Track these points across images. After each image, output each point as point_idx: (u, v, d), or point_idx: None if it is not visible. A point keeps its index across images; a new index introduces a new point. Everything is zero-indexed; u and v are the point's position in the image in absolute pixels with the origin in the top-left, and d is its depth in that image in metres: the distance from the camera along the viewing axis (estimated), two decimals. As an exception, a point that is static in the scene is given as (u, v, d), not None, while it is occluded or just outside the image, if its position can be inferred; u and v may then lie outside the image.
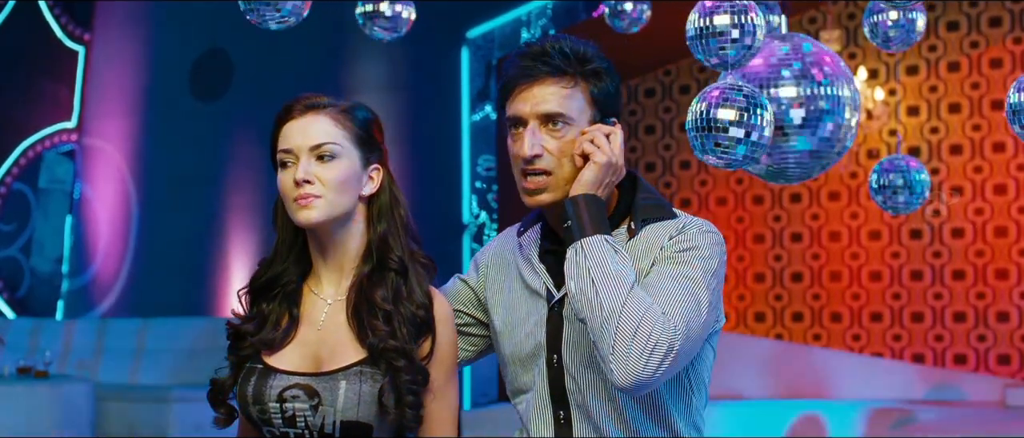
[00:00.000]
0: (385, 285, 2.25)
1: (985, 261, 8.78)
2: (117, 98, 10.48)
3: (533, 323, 2.39)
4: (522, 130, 2.31)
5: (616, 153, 2.29)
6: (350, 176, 2.28)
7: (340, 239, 2.30)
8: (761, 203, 9.52)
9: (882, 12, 3.46)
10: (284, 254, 2.37)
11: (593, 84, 2.34)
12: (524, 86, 2.31)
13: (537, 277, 2.41)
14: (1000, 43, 8.83)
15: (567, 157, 2.29)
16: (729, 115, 2.51)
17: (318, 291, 2.33)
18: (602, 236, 2.22)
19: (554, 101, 2.30)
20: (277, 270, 2.36)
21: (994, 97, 8.78)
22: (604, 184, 2.29)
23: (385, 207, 2.31)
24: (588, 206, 2.24)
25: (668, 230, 2.31)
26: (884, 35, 3.47)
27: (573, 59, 2.33)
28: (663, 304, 2.15)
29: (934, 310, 8.92)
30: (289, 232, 2.37)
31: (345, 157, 2.27)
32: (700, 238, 2.28)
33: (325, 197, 2.24)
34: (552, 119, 2.29)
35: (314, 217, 2.23)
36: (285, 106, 2.34)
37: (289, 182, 2.26)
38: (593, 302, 2.15)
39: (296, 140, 2.28)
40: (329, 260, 2.32)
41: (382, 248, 2.29)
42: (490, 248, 2.60)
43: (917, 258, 8.99)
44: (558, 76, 2.32)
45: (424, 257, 2.33)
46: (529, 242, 2.46)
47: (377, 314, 2.22)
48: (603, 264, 2.18)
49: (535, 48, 2.35)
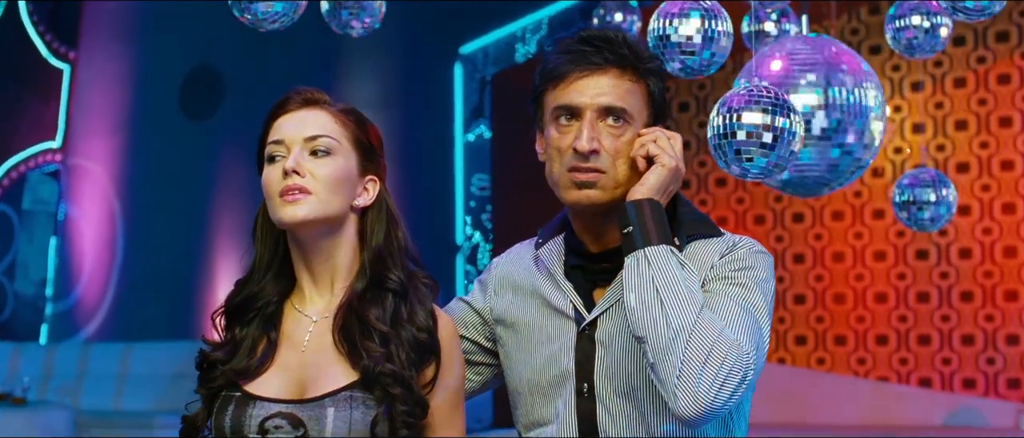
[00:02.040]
0: (381, 305, 2.03)
1: (994, 282, 8.59)
2: (103, 117, 10.33)
3: (558, 348, 2.17)
4: (575, 122, 2.11)
5: (681, 159, 2.10)
6: (345, 177, 2.06)
7: (328, 249, 2.07)
8: (763, 223, 9.34)
9: (905, 17, 3.25)
10: (262, 270, 2.13)
11: (653, 83, 2.15)
12: (583, 74, 2.11)
13: (563, 296, 2.19)
14: (1007, 58, 8.66)
15: (623, 158, 2.10)
16: (756, 119, 2.28)
17: (302, 308, 2.10)
18: (668, 247, 2.01)
19: (617, 94, 2.11)
20: (253, 289, 2.12)
21: (1002, 114, 8.63)
22: (667, 192, 2.09)
23: (380, 224, 2.09)
24: (653, 212, 2.04)
25: (717, 248, 2.12)
26: (908, 42, 3.26)
27: (638, 53, 2.14)
28: (730, 328, 1.95)
29: (942, 333, 8.72)
30: (269, 244, 2.13)
31: (341, 156, 2.06)
32: (753, 258, 2.10)
33: (316, 194, 2.02)
34: (613, 114, 2.10)
35: (301, 214, 2.01)
36: (280, 99, 2.12)
37: (276, 175, 2.04)
38: (657, 319, 1.94)
39: (289, 130, 2.06)
40: (316, 273, 2.09)
41: (378, 266, 2.06)
42: (499, 265, 2.37)
43: (924, 279, 8.81)
44: (623, 68, 2.12)
45: (426, 277, 2.10)
46: (551, 257, 2.24)
47: (372, 335, 1.99)
48: (671, 277, 1.96)
49: (598, 34, 2.15)
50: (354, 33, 3.64)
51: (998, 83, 8.68)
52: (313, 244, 2.07)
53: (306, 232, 2.05)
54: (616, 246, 2.14)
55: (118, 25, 10.41)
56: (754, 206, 9.34)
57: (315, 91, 2.14)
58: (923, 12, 3.05)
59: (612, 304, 2.14)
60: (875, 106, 2.94)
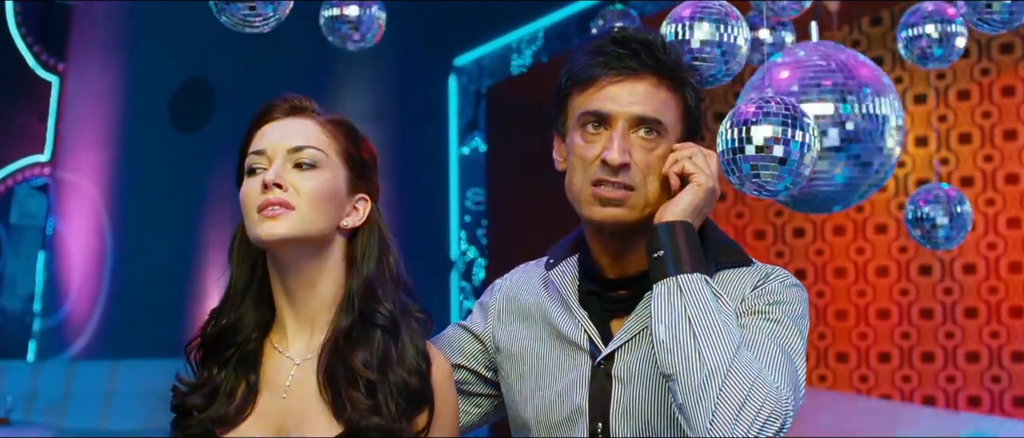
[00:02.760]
0: (369, 345, 1.85)
1: (999, 298, 8.42)
2: (92, 130, 10.23)
3: (570, 382, 1.98)
4: (604, 131, 1.93)
5: (717, 180, 1.94)
6: (331, 193, 1.89)
7: (310, 275, 1.89)
8: (763, 238, 9.19)
9: (918, 25, 3.09)
10: (238, 298, 1.96)
11: (690, 95, 1.98)
12: (618, 79, 1.93)
13: (576, 326, 2.01)
14: (1012, 70, 8.50)
15: (654, 174, 1.94)
16: (767, 133, 2.12)
17: (283, 348, 1.92)
18: (702, 276, 1.83)
19: (652, 104, 1.94)
20: (231, 319, 1.94)
21: (1006, 127, 8.47)
22: (701, 214, 1.92)
23: (371, 249, 1.92)
24: (687, 236, 1.86)
25: (748, 278, 1.95)
26: (921, 51, 3.10)
27: (677, 61, 1.97)
28: (769, 370, 1.78)
29: (945, 350, 8.55)
30: (246, 268, 1.96)
31: (328, 170, 1.89)
32: (788, 292, 1.92)
33: (298, 210, 1.85)
34: (647, 125, 1.93)
35: (280, 231, 1.83)
36: (264, 106, 1.94)
37: (255, 188, 1.86)
38: (689, 356, 1.76)
39: (272, 140, 1.89)
40: (297, 303, 1.91)
41: (366, 299, 1.88)
42: (503, 287, 2.18)
43: (927, 295, 8.63)
44: (660, 76, 1.95)
45: (419, 311, 1.93)
46: (564, 280, 2.06)
47: (358, 383, 1.82)
48: (706, 309, 1.79)
49: (636, 36, 1.97)
50: (351, 47, 3.49)
51: (1002, 95, 8.55)
52: (294, 268, 1.89)
53: (286, 253, 1.88)
54: (637, 271, 1.97)
55: (108, 36, 10.31)
56: (754, 221, 9.19)
57: (303, 98, 1.97)
58: (937, 20, 2.89)
59: (632, 336, 1.96)
60: (893, 118, 2.77)
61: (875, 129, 2.76)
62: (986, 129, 8.56)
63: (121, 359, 8.98)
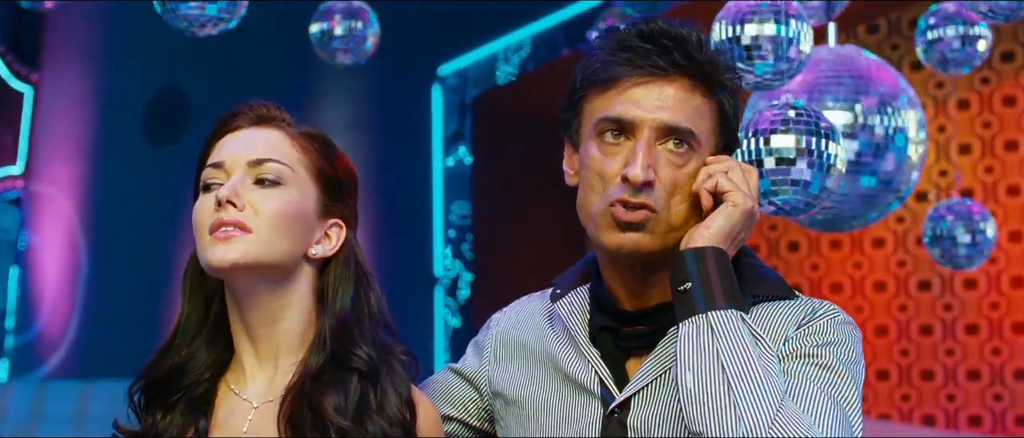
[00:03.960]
0: (342, 390, 1.60)
1: (1000, 314, 8.25)
2: (67, 141, 10.01)
3: (579, 431, 1.70)
4: (626, 141, 1.66)
5: (757, 200, 1.67)
6: (297, 215, 1.64)
7: (272, 309, 1.64)
8: (756, 253, 9.00)
9: (938, 28, 2.84)
10: (189, 334, 1.70)
11: (727, 102, 1.68)
12: (643, 80, 1.65)
13: (587, 367, 1.72)
14: (1013, 79, 8.34)
15: (682, 194, 1.66)
16: (789, 144, 1.85)
17: (240, 389, 1.67)
18: (738, 312, 1.55)
19: (684, 111, 1.66)
20: (180, 358, 1.69)
21: (1007, 137, 8.31)
22: (737, 241, 1.63)
23: (345, 283, 1.67)
24: (719, 265, 1.59)
25: (792, 315, 1.66)
26: (941, 56, 2.86)
27: (715, 61, 1.67)
28: (819, 427, 1.50)
29: (946, 367, 8.38)
30: (199, 300, 1.71)
31: (295, 188, 1.65)
32: (839, 331, 1.64)
33: (256, 232, 1.60)
34: (678, 137, 1.66)
35: (232, 256, 1.58)
36: (227, 113, 1.71)
37: (207, 206, 1.61)
38: (723, 409, 1.48)
39: (231, 152, 1.65)
40: (258, 345, 1.66)
41: (340, 338, 1.63)
42: (501, 323, 1.91)
43: (926, 311, 8.47)
44: (694, 79, 1.65)
45: (403, 352, 1.68)
46: (572, 314, 1.78)
47: (328, 431, 1.56)
48: (743, 354, 1.51)
49: (665, 29, 1.67)
50: (345, 62, 3.29)
51: (1003, 105, 8.42)
52: (253, 301, 1.64)
53: (243, 282, 1.62)
54: (659, 304, 1.69)
55: (83, 45, 10.10)
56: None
57: (272, 106, 1.72)
58: (958, 22, 2.66)
59: (652, 380, 1.67)
60: (915, 127, 2.52)
61: (895, 140, 2.52)
62: (986, 139, 8.42)
63: (94, 379, 8.78)
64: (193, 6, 2.55)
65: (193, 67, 8.95)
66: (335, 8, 3.04)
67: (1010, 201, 8.33)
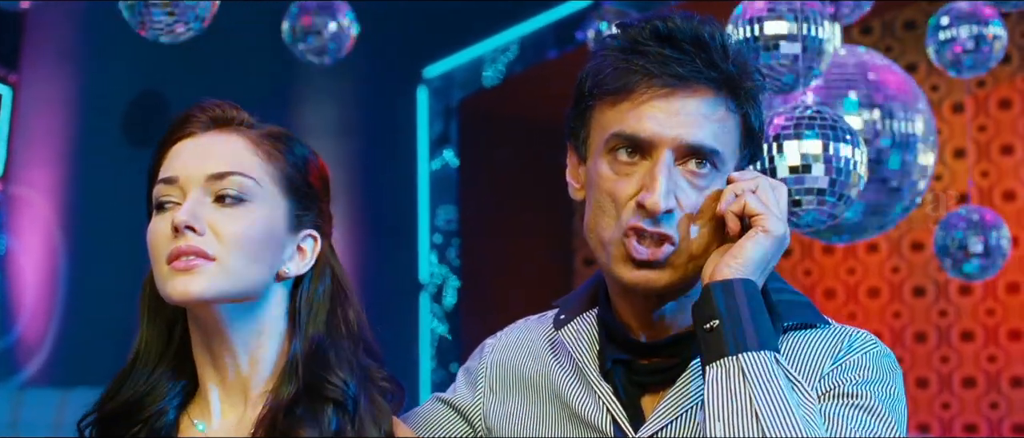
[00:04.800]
0: (317, 423, 1.44)
1: (996, 321, 8.16)
2: (46, 144, 9.86)
3: None
4: (642, 161, 1.48)
5: (787, 222, 1.49)
6: (266, 236, 1.47)
7: (242, 338, 1.49)
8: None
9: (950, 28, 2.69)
10: (150, 363, 1.56)
11: (754, 113, 1.50)
12: (663, 91, 1.47)
13: (598, 404, 1.54)
14: (1008, 82, 8.25)
15: (704, 219, 1.49)
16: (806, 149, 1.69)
17: (206, 422, 1.52)
18: (772, 353, 1.38)
19: (709, 128, 1.48)
20: (137, 390, 1.53)
21: (1003, 141, 8.23)
22: (768, 269, 1.46)
23: (320, 301, 1.51)
24: (750, 300, 1.42)
25: (826, 347, 1.50)
26: (955, 58, 2.72)
27: (743, 67, 1.48)
28: None
29: (941, 375, 8.30)
30: (159, 326, 1.57)
31: (262, 204, 1.48)
32: (878, 365, 1.48)
33: (220, 262, 1.44)
34: (701, 156, 1.49)
35: (196, 291, 1.44)
36: (179, 118, 1.55)
37: (163, 230, 1.47)
38: None
39: (187, 165, 1.49)
40: (224, 375, 1.51)
41: (314, 365, 1.46)
42: (497, 349, 1.72)
43: (921, 318, 8.39)
44: (718, 89, 1.47)
45: (385, 379, 1.52)
46: (579, 343, 1.59)
47: None
48: (780, 402, 1.34)
49: (685, 28, 1.49)
50: (321, 61, 3.14)
51: (999, 108, 8.35)
52: (218, 329, 1.49)
53: (207, 313, 1.46)
54: (678, 333, 1.52)
55: (63, 45, 9.96)
56: (738, 240, 8.94)
57: (228, 106, 1.56)
58: (973, 21, 2.51)
59: (671, 420, 1.50)
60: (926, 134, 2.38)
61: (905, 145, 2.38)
62: (982, 143, 8.34)
63: (72, 387, 8.66)
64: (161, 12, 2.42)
65: (174, 69, 8.83)
66: (308, 7, 2.90)
67: (1006, 206, 8.23)
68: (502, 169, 7.84)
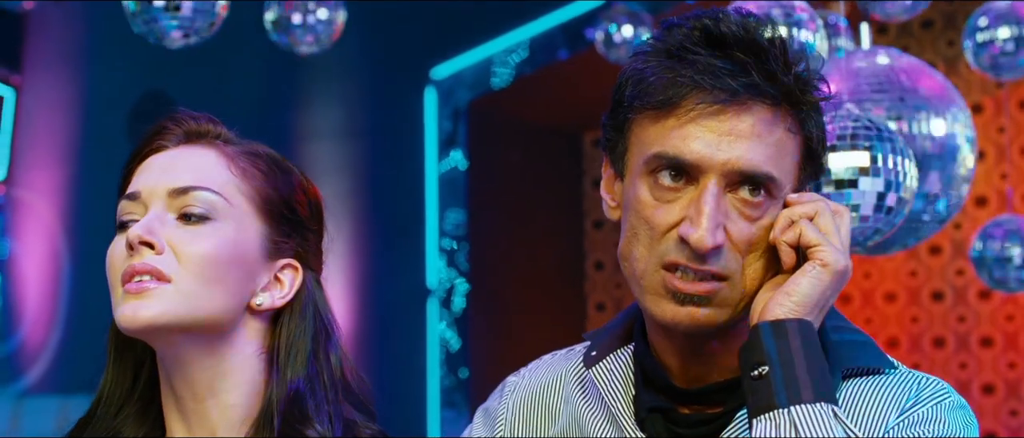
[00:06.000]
0: None
1: (1016, 326, 8.02)
2: (49, 147, 9.83)
3: None
4: (687, 186, 1.29)
5: (849, 254, 1.31)
6: (233, 258, 1.31)
7: (208, 379, 1.33)
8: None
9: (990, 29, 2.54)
10: (114, 406, 1.43)
11: (815, 130, 1.31)
12: (713, 107, 1.28)
13: None
14: (1028, 83, 8.12)
15: (757, 252, 1.32)
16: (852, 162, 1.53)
17: None
18: (830, 406, 1.20)
19: (764, 152, 1.29)
20: (99, 435, 1.41)
21: (1023, 143, 8.11)
22: (826, 307, 1.28)
23: (299, 341, 1.34)
24: (805, 343, 1.24)
25: (892, 397, 1.32)
26: (993, 60, 2.57)
27: (804, 79, 1.29)
28: None
29: (959, 382, 8.13)
30: (126, 365, 1.45)
31: (231, 223, 1.33)
32: (950, 418, 1.31)
33: (177, 283, 1.29)
34: (754, 185, 1.31)
35: (146, 315, 1.29)
36: (150, 130, 1.41)
37: (119, 250, 1.34)
38: None
39: (151, 179, 1.34)
40: (192, 421, 1.35)
41: (293, 415, 1.30)
42: (519, 388, 1.53)
43: (939, 323, 8.24)
44: (775, 105, 1.28)
45: (371, 430, 1.35)
46: (612, 385, 1.41)
47: None
48: None
49: (739, 34, 1.29)
50: (304, 50, 2.98)
51: (1019, 109, 8.24)
52: (181, 367, 1.34)
53: (166, 346, 1.31)
54: (723, 379, 1.34)
55: (67, 48, 9.91)
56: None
57: (203, 118, 1.40)
58: (1012, 22, 2.37)
59: None
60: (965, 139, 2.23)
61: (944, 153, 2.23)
62: (1001, 145, 8.21)
63: (73, 394, 8.56)
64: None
65: (178, 70, 8.76)
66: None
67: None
68: (512, 172, 7.75)
